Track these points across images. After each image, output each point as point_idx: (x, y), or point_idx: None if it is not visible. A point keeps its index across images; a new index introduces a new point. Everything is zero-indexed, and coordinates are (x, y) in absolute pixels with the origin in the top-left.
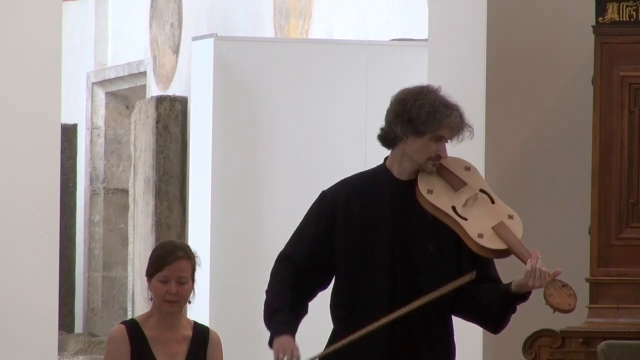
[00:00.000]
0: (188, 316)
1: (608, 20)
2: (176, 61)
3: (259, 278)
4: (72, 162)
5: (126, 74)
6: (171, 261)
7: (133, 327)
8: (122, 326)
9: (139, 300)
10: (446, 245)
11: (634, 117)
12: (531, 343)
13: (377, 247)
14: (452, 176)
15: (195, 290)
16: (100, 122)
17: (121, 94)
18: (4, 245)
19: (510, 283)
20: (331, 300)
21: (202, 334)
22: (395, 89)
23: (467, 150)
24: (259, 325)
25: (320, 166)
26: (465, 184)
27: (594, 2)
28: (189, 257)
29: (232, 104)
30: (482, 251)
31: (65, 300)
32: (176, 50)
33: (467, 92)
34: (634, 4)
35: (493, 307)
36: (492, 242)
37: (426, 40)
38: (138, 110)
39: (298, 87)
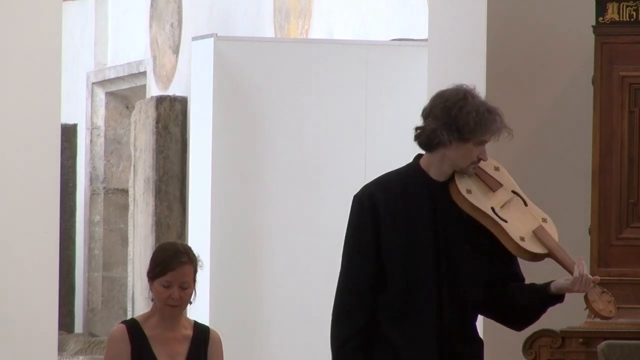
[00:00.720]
0: (188, 316)
1: (608, 20)
2: (176, 61)
3: (258, 278)
4: (72, 162)
5: (126, 74)
6: (174, 267)
7: (133, 327)
8: (123, 326)
9: (139, 300)
10: (480, 246)
11: (634, 117)
12: (531, 343)
13: (422, 247)
14: (487, 177)
15: (196, 290)
16: (100, 122)
17: (121, 94)
18: (4, 245)
19: (549, 284)
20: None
21: (203, 333)
22: (395, 89)
23: None
24: (258, 325)
25: (320, 166)
26: (501, 185)
27: (594, 2)
28: (192, 262)
29: (232, 104)
30: (523, 254)
31: (65, 300)
32: (176, 50)
33: None
34: (634, 4)
35: (530, 307)
36: (533, 246)
37: (426, 40)
38: (138, 110)
39: (298, 87)
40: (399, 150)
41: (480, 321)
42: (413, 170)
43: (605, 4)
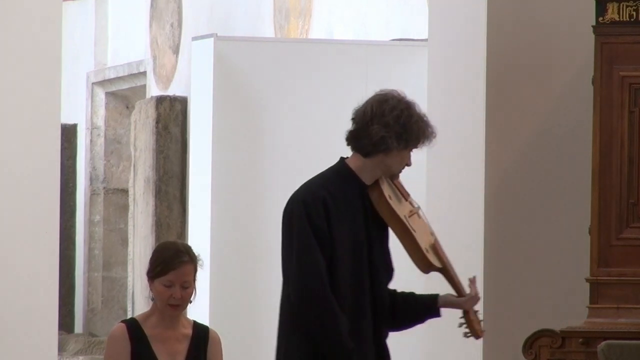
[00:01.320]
0: (188, 316)
1: (608, 20)
2: (176, 61)
3: (258, 278)
4: (72, 162)
5: (126, 74)
6: (176, 266)
7: (133, 326)
8: (122, 325)
9: (139, 300)
10: (387, 251)
11: (634, 117)
12: (531, 343)
13: (359, 250)
14: (400, 185)
15: (196, 290)
16: (100, 122)
17: (121, 94)
18: (4, 245)
19: (435, 298)
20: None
21: (202, 332)
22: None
23: (467, 150)
24: (258, 325)
25: (320, 166)
26: (408, 194)
27: (594, 2)
28: (193, 261)
29: (232, 104)
30: (425, 265)
31: (65, 300)
32: (176, 50)
33: (467, 92)
34: (634, 4)
35: (413, 317)
36: (434, 258)
37: (426, 40)
38: (138, 110)
39: (298, 87)
40: None
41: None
42: (345, 172)
43: (605, 4)
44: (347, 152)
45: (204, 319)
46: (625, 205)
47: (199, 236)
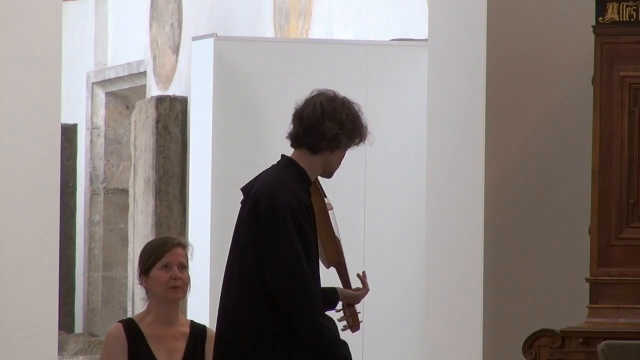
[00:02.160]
0: (188, 313)
1: (608, 20)
2: (176, 61)
3: None
4: (72, 162)
5: (126, 74)
6: (169, 248)
7: (130, 325)
8: (119, 324)
9: (139, 300)
10: None
11: (634, 117)
12: (531, 343)
13: (315, 246)
14: (319, 184)
15: (192, 280)
16: (100, 122)
17: (121, 94)
18: (4, 245)
19: (335, 291)
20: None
21: (200, 331)
22: (395, 89)
23: (467, 150)
24: None
25: None
26: (325, 194)
27: (594, 2)
28: (184, 245)
29: (232, 104)
30: (335, 259)
31: (65, 300)
32: (176, 50)
33: (467, 92)
34: (634, 4)
35: None
36: (341, 254)
37: (426, 40)
38: (138, 110)
39: (298, 87)
40: (398, 149)
41: (481, 321)
42: (297, 170)
43: (605, 4)
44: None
45: (204, 319)
46: (625, 205)
47: (199, 236)
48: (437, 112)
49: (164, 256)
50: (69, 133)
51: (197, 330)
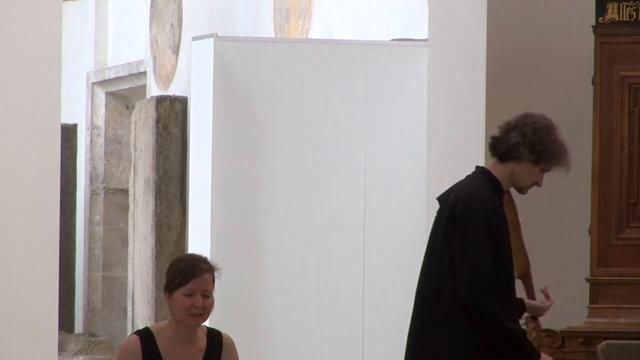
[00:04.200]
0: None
1: (608, 20)
2: (176, 61)
3: (259, 278)
4: (72, 162)
5: (126, 74)
6: (197, 274)
7: (146, 338)
8: (136, 337)
9: (139, 300)
10: None
11: (634, 117)
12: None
13: (511, 254)
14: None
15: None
16: (100, 122)
17: (121, 94)
18: (4, 245)
19: (522, 301)
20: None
21: (216, 340)
22: (395, 89)
23: (467, 150)
24: (259, 325)
25: (320, 166)
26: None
27: (594, 2)
28: (212, 270)
29: (232, 104)
30: (522, 269)
31: (65, 300)
32: (176, 50)
33: (467, 92)
34: (634, 4)
35: None
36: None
37: (426, 40)
38: (138, 110)
39: (298, 87)
40: (399, 149)
41: None
42: (491, 180)
43: (605, 4)
44: (347, 151)
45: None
46: (625, 205)
47: (199, 236)
48: (437, 112)
49: (189, 282)
50: (69, 133)
51: (213, 340)
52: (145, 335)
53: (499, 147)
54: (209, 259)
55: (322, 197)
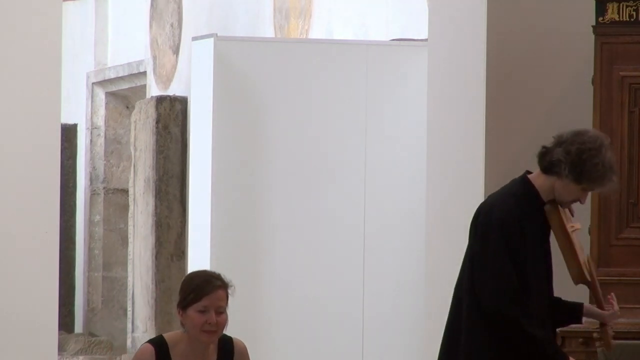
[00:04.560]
0: None
1: (608, 20)
2: (176, 61)
3: (259, 278)
4: (72, 162)
5: (126, 74)
6: (210, 291)
7: (161, 351)
8: (152, 348)
9: (138, 300)
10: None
11: (634, 117)
12: None
13: (541, 262)
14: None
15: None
16: (100, 122)
17: (121, 94)
18: (3, 245)
19: (581, 306)
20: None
21: (227, 347)
22: (395, 89)
23: (467, 150)
24: (259, 325)
25: (320, 166)
26: (573, 213)
27: (594, 2)
28: (225, 286)
29: (232, 104)
30: (578, 276)
31: (65, 300)
32: (176, 50)
33: (467, 92)
34: (634, 4)
35: (562, 320)
36: (586, 273)
37: (426, 40)
38: (138, 110)
39: (298, 87)
40: (399, 149)
41: None
42: (528, 189)
43: (605, 4)
44: (347, 151)
45: None
46: (625, 205)
47: (199, 236)
48: (437, 112)
49: (203, 299)
50: (69, 133)
51: (225, 350)
52: (160, 346)
53: (544, 159)
54: (222, 275)
55: (322, 197)
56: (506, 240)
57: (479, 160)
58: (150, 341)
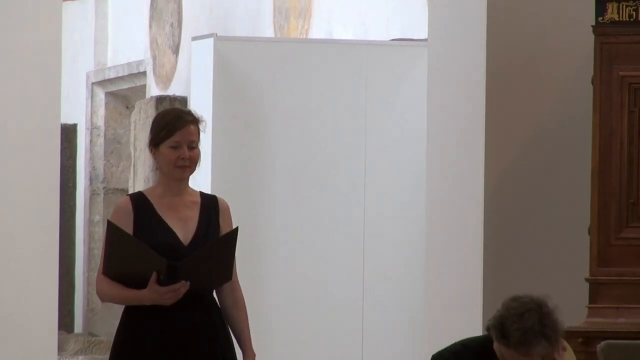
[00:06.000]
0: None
1: (608, 20)
2: (176, 61)
3: (259, 277)
4: (72, 162)
5: (126, 74)
6: (181, 126)
7: (138, 198)
8: (127, 197)
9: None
10: None
11: (634, 117)
12: None
13: None
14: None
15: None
16: (100, 122)
17: (121, 94)
18: (4, 245)
19: None
20: None
21: (211, 201)
22: (395, 89)
23: (467, 150)
24: (259, 323)
25: (319, 166)
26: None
27: (594, 2)
28: (197, 121)
29: (232, 104)
30: None
31: (65, 300)
32: (176, 50)
33: (467, 92)
34: (634, 4)
35: None
36: None
37: (426, 40)
38: (138, 110)
39: (298, 87)
40: (398, 150)
41: (481, 319)
42: (488, 347)
43: (605, 4)
44: (347, 151)
45: None
46: (625, 205)
47: None
48: (437, 112)
49: (175, 134)
50: (69, 133)
51: (209, 200)
52: (138, 195)
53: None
54: (193, 111)
55: (322, 197)
56: None
57: (478, 160)
58: (128, 194)
